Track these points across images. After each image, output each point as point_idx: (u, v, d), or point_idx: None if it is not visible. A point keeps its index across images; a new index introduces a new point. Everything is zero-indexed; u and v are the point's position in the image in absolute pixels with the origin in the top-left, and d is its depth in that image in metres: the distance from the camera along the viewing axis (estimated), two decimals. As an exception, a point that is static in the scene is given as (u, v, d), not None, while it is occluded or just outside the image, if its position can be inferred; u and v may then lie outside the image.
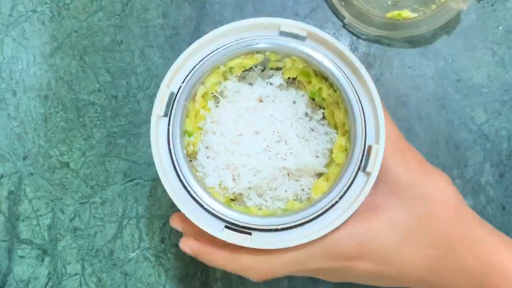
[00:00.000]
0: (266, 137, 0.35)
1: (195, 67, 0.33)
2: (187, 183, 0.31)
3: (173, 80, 0.33)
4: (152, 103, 0.43)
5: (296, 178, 0.35)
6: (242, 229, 0.31)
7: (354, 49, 0.44)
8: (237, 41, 0.33)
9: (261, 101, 0.36)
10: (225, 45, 0.33)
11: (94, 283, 0.41)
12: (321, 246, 0.31)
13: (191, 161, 0.35)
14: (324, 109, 0.36)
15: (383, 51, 0.43)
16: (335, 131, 0.35)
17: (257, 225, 0.31)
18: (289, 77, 0.37)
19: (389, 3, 0.44)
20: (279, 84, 0.36)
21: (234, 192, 0.34)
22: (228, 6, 0.44)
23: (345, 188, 0.31)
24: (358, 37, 0.44)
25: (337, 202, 0.31)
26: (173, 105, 0.32)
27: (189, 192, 0.31)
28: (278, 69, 0.37)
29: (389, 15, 0.43)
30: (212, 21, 0.44)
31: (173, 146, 0.32)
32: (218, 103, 0.36)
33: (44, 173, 0.42)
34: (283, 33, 0.33)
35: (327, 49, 0.34)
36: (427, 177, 0.31)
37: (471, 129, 0.42)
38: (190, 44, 0.34)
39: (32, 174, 0.42)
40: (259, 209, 0.34)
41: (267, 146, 0.35)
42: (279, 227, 0.31)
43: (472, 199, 0.41)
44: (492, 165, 0.42)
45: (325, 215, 0.31)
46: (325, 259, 0.31)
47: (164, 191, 0.42)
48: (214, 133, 0.35)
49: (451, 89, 0.43)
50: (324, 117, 0.36)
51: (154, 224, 0.41)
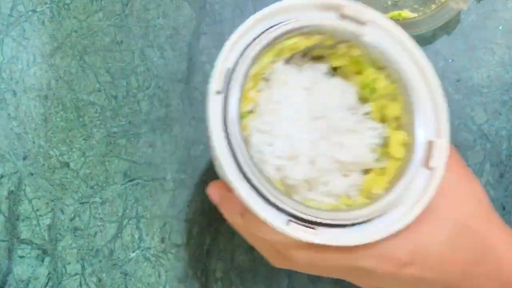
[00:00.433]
0: (319, 126, 0.32)
1: (254, 40, 0.30)
2: (248, 169, 0.28)
3: (230, 54, 0.30)
4: (152, 103, 0.43)
5: (345, 172, 0.32)
6: (307, 224, 0.28)
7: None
8: (295, 19, 0.30)
9: (309, 88, 0.33)
10: (283, 22, 0.30)
11: (94, 283, 0.41)
12: (377, 247, 0.29)
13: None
14: (369, 102, 0.34)
15: (383, 51, 0.43)
16: (383, 125, 0.33)
17: (324, 219, 0.28)
18: (336, 66, 0.34)
19: (389, 3, 0.44)
20: (325, 71, 0.34)
21: (290, 183, 0.31)
22: (228, 6, 0.44)
23: (409, 184, 0.29)
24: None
25: (400, 199, 0.29)
26: (230, 81, 0.29)
27: (248, 179, 0.28)
28: (319, 57, 0.34)
29: (389, 15, 0.43)
30: (212, 21, 0.44)
31: (232, 126, 0.28)
32: (268, 85, 0.33)
33: (44, 173, 0.42)
34: (345, 16, 0.31)
35: (388, 36, 0.31)
36: (465, 178, 0.31)
37: (471, 129, 0.42)
38: (190, 44, 0.33)
39: (32, 174, 0.42)
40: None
41: (322, 135, 0.32)
42: (347, 222, 0.29)
43: (472, 199, 0.41)
44: (492, 165, 0.42)
45: (389, 213, 0.29)
46: (375, 260, 0.29)
47: (163, 191, 0.42)
48: (271, 117, 0.32)
49: (451, 89, 0.43)
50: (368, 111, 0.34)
51: (154, 224, 0.41)
